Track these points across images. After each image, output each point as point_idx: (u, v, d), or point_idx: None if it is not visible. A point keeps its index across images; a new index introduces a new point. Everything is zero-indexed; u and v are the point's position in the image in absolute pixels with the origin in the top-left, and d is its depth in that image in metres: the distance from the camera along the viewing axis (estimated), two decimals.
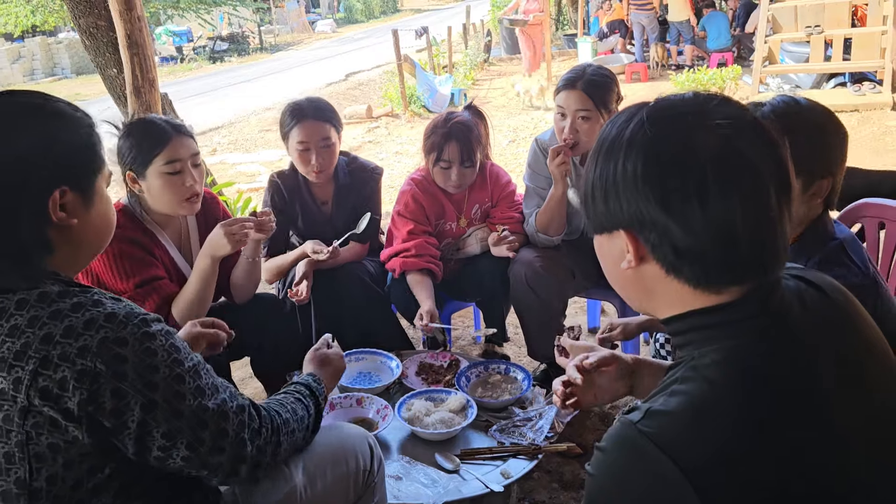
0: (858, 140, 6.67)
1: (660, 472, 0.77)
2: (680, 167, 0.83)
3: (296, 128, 2.51)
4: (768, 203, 0.83)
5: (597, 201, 0.91)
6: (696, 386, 0.83)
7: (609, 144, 0.89)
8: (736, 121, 0.85)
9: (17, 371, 0.99)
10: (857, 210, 2.27)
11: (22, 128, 1.08)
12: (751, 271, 0.86)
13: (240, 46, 23.88)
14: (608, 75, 2.45)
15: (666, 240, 0.85)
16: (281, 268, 2.59)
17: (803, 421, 0.81)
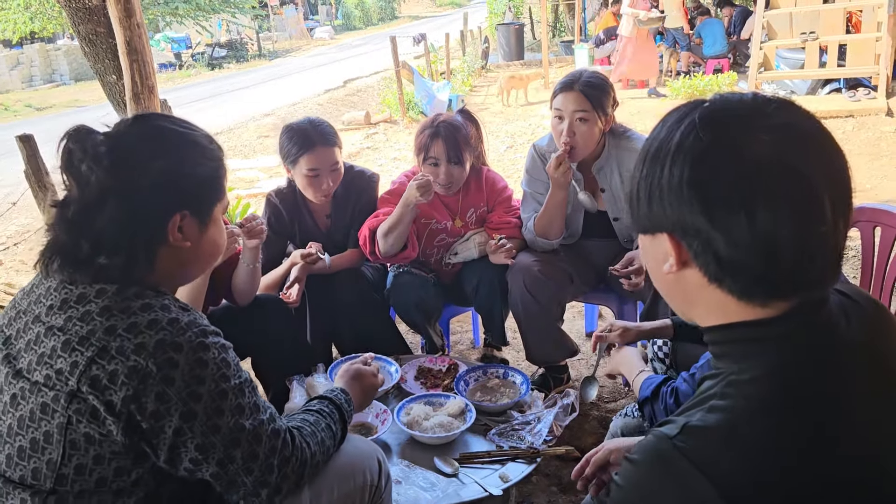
0: (853, 146, 6.70)
1: (694, 489, 0.76)
2: (728, 177, 0.79)
3: (305, 156, 2.49)
4: (821, 218, 0.78)
5: (641, 203, 0.88)
6: (736, 403, 0.80)
7: (658, 146, 0.86)
8: (793, 128, 0.81)
9: (77, 355, 1.03)
10: (853, 214, 2.29)
11: (162, 152, 1.16)
12: (796, 288, 0.82)
13: (238, 53, 23.90)
14: (604, 79, 2.47)
15: (709, 249, 0.81)
16: (273, 283, 2.57)
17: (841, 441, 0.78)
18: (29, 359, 1.07)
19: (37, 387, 1.05)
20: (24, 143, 3.41)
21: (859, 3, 8.27)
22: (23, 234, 5.90)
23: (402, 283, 2.60)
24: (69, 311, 1.07)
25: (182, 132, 1.21)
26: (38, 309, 1.11)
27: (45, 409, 1.04)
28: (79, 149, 1.11)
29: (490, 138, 8.50)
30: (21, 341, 1.10)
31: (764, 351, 0.83)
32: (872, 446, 0.80)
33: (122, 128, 1.17)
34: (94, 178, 1.10)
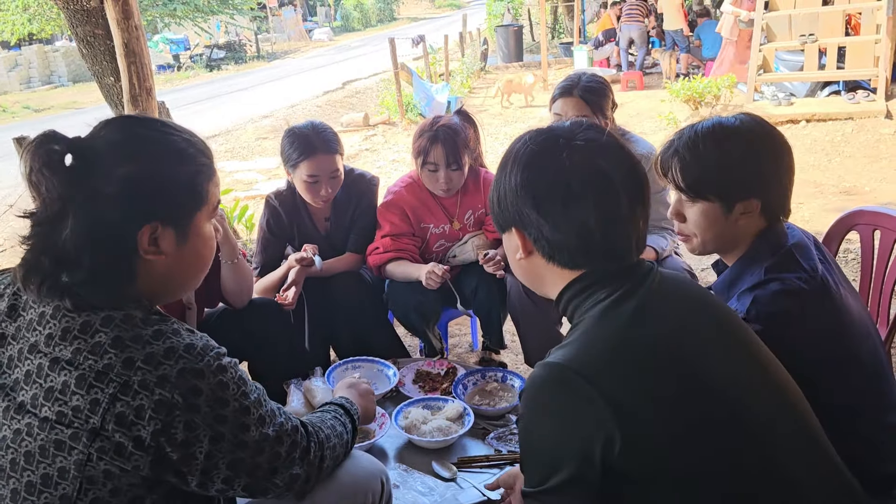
0: (852, 148, 6.71)
1: (566, 379, 0.99)
2: (548, 178, 1.07)
3: (306, 162, 2.47)
4: (619, 206, 1.06)
5: (494, 205, 1.16)
6: (582, 328, 1.06)
7: (504, 159, 1.14)
8: (597, 142, 1.08)
9: (96, 392, 0.99)
10: (852, 217, 2.29)
11: (128, 158, 1.07)
12: (606, 258, 1.08)
13: (237, 54, 23.91)
14: (603, 82, 2.47)
15: (541, 235, 1.09)
16: (271, 285, 2.55)
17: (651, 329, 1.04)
18: (33, 392, 1.02)
19: (48, 423, 1.00)
20: (22, 144, 3.40)
21: (858, 6, 8.27)
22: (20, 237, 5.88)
23: (399, 286, 2.59)
24: (76, 343, 1.01)
25: (154, 136, 1.12)
26: (32, 336, 1.05)
27: (60, 446, 1.00)
28: (41, 160, 1.04)
29: (489, 140, 8.49)
30: (17, 371, 1.04)
31: (593, 291, 1.08)
32: (702, 365, 1.03)
33: (92, 132, 1.10)
34: (52, 188, 1.03)
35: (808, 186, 5.83)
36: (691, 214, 1.46)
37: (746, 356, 1.10)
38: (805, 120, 7.54)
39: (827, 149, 6.79)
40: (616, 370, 0.99)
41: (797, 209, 5.25)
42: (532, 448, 1.05)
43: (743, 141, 1.40)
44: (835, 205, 5.20)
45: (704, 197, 1.42)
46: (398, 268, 2.59)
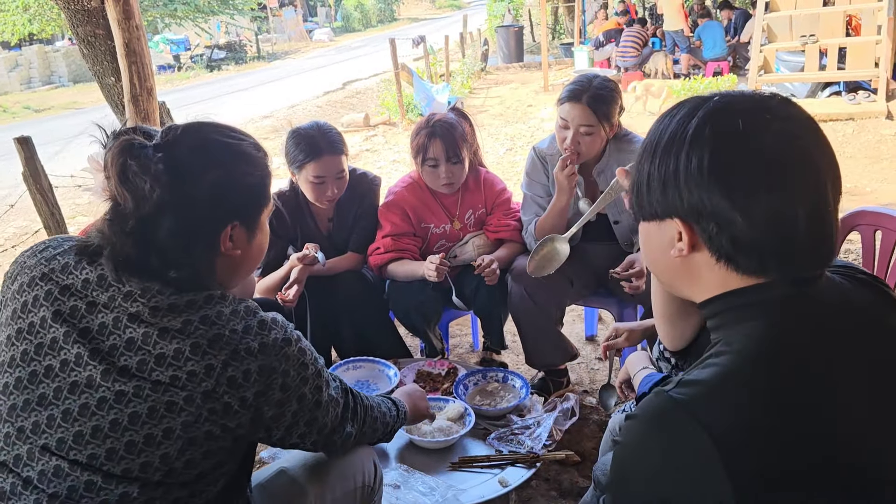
0: (853, 149, 6.71)
1: (688, 437, 0.80)
2: (746, 162, 0.85)
3: (312, 163, 2.47)
4: (826, 198, 0.86)
5: (652, 191, 0.93)
6: (728, 358, 0.85)
7: (670, 138, 0.91)
8: (796, 120, 0.89)
9: (210, 358, 1.10)
10: (853, 218, 2.28)
11: (213, 165, 1.17)
12: (806, 262, 0.88)
13: (237, 55, 23.91)
14: (613, 88, 2.44)
15: (726, 230, 0.87)
16: (273, 285, 2.56)
17: (823, 409, 0.83)
18: (139, 358, 1.09)
19: (161, 386, 1.08)
20: (23, 145, 3.39)
21: (859, 6, 8.27)
22: (20, 237, 5.89)
23: (400, 286, 2.59)
24: (185, 315, 1.11)
25: (230, 143, 1.22)
26: (132, 307, 1.11)
27: (171, 408, 1.09)
28: (137, 164, 1.11)
29: (489, 140, 8.51)
30: (113, 338, 1.10)
31: (759, 312, 0.88)
32: (855, 425, 0.83)
33: (171, 139, 1.16)
34: (154, 195, 1.11)
35: None
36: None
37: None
38: None
39: None
40: (752, 438, 0.79)
41: None
42: (624, 481, 0.89)
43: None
44: None
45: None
46: (400, 267, 2.59)
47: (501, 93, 12.56)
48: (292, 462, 1.45)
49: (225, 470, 1.19)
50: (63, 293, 1.14)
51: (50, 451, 1.09)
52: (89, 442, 1.09)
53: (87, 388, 1.09)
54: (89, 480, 1.08)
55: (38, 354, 1.11)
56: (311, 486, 1.40)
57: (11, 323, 1.14)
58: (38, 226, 4.56)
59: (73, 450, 1.09)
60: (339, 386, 1.33)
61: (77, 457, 1.09)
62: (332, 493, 1.43)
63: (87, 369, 1.09)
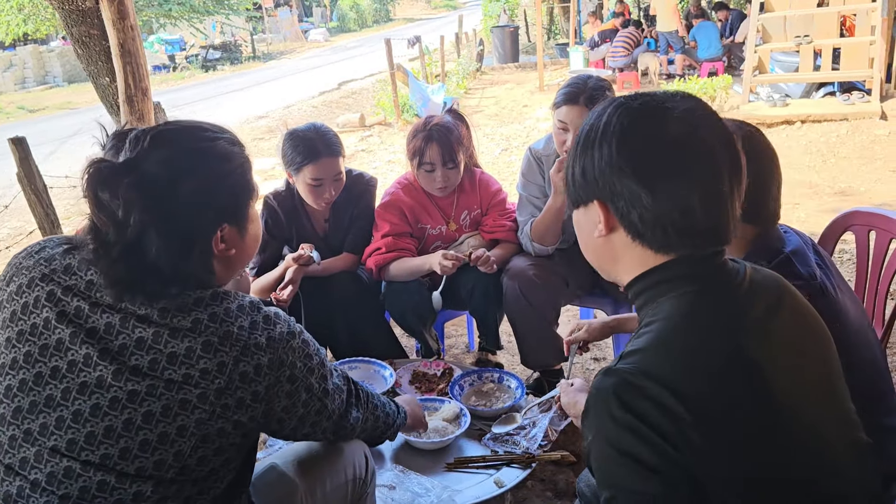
0: (847, 149, 6.73)
1: (643, 391, 0.90)
2: (651, 146, 0.98)
3: (310, 166, 2.46)
4: (721, 180, 0.98)
5: (577, 178, 1.06)
6: (658, 325, 0.97)
7: (589, 131, 1.04)
8: (697, 111, 1.00)
9: (222, 355, 1.11)
10: (847, 218, 2.29)
11: (189, 173, 1.14)
12: (705, 238, 1.00)
13: (232, 55, 23.87)
14: (608, 88, 2.43)
15: (635, 208, 0.99)
16: (267, 286, 2.55)
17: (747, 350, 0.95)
18: (151, 357, 1.09)
19: (174, 384, 1.09)
20: (17, 145, 3.38)
21: (853, 7, 8.30)
22: (15, 238, 5.87)
23: (396, 287, 2.59)
24: (194, 314, 1.12)
25: (202, 147, 1.18)
26: (140, 309, 1.11)
27: (184, 405, 1.10)
28: (108, 194, 1.09)
29: (485, 141, 8.50)
30: (122, 338, 1.10)
31: (672, 287, 1.00)
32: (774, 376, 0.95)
33: (141, 153, 1.12)
34: (132, 219, 1.09)
35: (803, 187, 5.85)
36: None
37: (826, 384, 1.03)
38: (800, 121, 7.56)
39: (822, 150, 6.81)
40: (698, 379, 0.91)
41: (793, 210, 5.26)
42: (608, 473, 0.94)
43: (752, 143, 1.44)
44: (830, 205, 5.21)
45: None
46: (403, 265, 2.58)
47: (497, 93, 12.56)
48: (283, 458, 1.45)
49: (232, 466, 1.21)
50: (66, 294, 1.13)
51: (60, 452, 1.09)
52: (102, 442, 1.09)
53: (98, 388, 1.09)
54: (102, 480, 1.09)
55: (44, 356, 1.11)
56: (301, 481, 1.41)
57: (11, 325, 1.13)
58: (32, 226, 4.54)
59: (84, 450, 1.09)
60: (340, 374, 1.36)
61: (89, 457, 1.09)
62: (322, 488, 1.44)
63: (98, 370, 1.09)
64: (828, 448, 0.98)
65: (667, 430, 0.88)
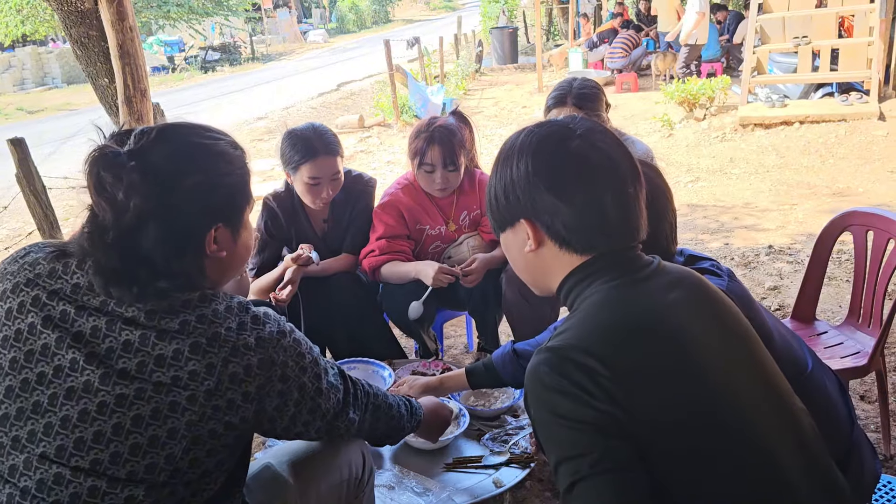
0: (846, 150, 6.74)
1: (567, 357, 0.99)
2: (561, 159, 1.10)
3: (307, 164, 2.46)
4: (626, 185, 1.10)
5: (500, 200, 1.15)
6: (581, 310, 1.08)
7: (505, 154, 1.15)
8: (594, 129, 1.13)
9: (211, 356, 1.10)
10: (845, 218, 2.30)
11: (192, 169, 1.16)
12: (621, 235, 1.10)
13: (231, 56, 23.87)
14: (594, 86, 2.48)
15: (557, 218, 1.09)
16: (267, 286, 2.55)
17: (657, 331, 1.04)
18: (138, 360, 1.08)
19: (163, 387, 1.08)
20: (16, 146, 3.39)
21: (851, 8, 8.31)
22: (14, 238, 5.87)
23: (393, 288, 2.59)
24: (182, 316, 1.11)
25: (207, 144, 1.20)
26: (127, 312, 1.11)
27: (174, 408, 1.09)
28: (111, 175, 1.09)
29: (483, 141, 8.50)
30: (108, 341, 1.09)
31: (595, 279, 1.10)
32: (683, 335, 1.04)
33: (146, 144, 1.14)
34: (131, 205, 1.09)
35: (801, 188, 5.86)
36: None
37: (745, 355, 1.11)
38: (799, 122, 7.57)
39: (820, 150, 6.82)
40: (615, 342, 1.01)
41: (791, 210, 5.27)
42: (551, 440, 1.01)
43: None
44: (828, 206, 5.22)
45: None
46: (393, 269, 2.59)
47: (496, 94, 12.56)
48: (277, 457, 1.44)
49: (226, 468, 1.20)
50: (51, 298, 1.12)
51: (49, 459, 1.08)
52: (92, 447, 1.08)
53: (85, 393, 1.08)
54: (93, 486, 1.07)
55: (29, 361, 1.10)
56: (295, 481, 1.39)
57: None
58: (31, 227, 4.55)
59: (74, 456, 1.08)
60: (337, 373, 1.34)
61: (79, 463, 1.08)
62: (316, 487, 1.42)
63: (85, 374, 1.08)
64: (748, 398, 1.05)
65: (591, 388, 0.97)
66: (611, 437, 0.96)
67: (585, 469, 0.96)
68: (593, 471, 0.95)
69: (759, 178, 6.25)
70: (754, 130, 7.66)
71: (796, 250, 4.32)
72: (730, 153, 7.14)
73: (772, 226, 4.94)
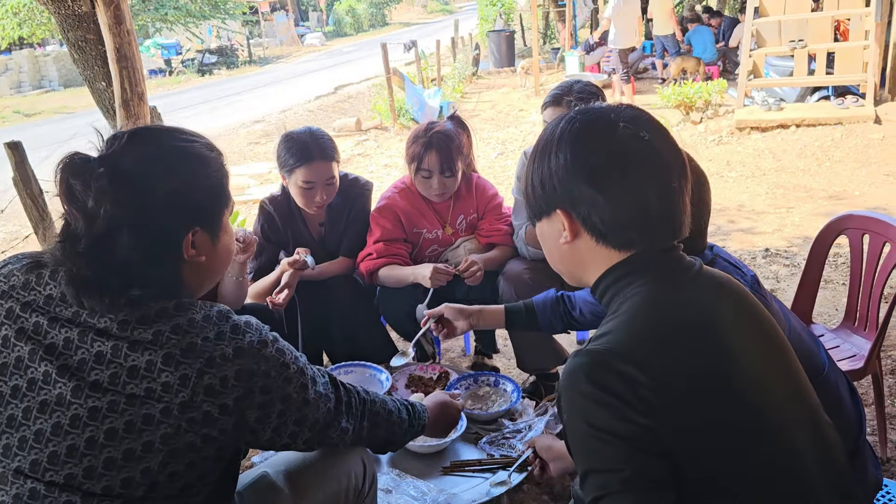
0: (842, 153, 6.76)
1: (608, 365, 0.96)
2: (602, 152, 1.05)
3: (302, 168, 2.46)
4: (671, 178, 1.05)
5: (536, 189, 1.12)
6: (623, 312, 1.04)
7: (544, 143, 1.11)
8: (641, 118, 1.08)
9: (185, 368, 1.07)
10: (841, 221, 2.30)
11: (166, 172, 1.13)
12: (662, 232, 1.07)
13: (228, 59, 23.86)
14: (594, 90, 2.48)
15: (595, 211, 1.05)
16: (264, 290, 2.55)
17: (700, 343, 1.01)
18: (111, 372, 1.06)
19: (136, 399, 1.06)
20: (13, 150, 3.38)
21: (847, 12, 8.34)
22: (10, 242, 5.85)
23: (391, 291, 2.59)
24: (156, 326, 1.08)
25: (181, 146, 1.18)
26: (99, 322, 1.08)
27: (148, 421, 1.06)
28: (80, 183, 1.07)
29: (480, 145, 8.51)
30: (81, 353, 1.07)
31: (635, 277, 1.05)
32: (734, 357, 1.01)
33: (118, 149, 1.12)
34: (101, 212, 1.07)
35: (797, 191, 5.87)
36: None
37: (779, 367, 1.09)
38: (795, 125, 7.59)
39: (817, 153, 6.84)
40: (658, 349, 0.98)
41: (787, 213, 5.28)
42: (583, 449, 0.99)
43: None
44: (824, 209, 5.23)
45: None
46: (391, 272, 2.59)
47: (493, 97, 12.58)
48: (274, 466, 1.42)
49: (209, 480, 1.16)
50: (24, 310, 1.10)
51: (23, 473, 1.06)
52: (66, 462, 1.05)
53: (58, 406, 1.06)
54: (68, 501, 1.05)
55: (3, 374, 1.08)
56: (291, 490, 1.37)
57: None
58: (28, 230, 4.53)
59: (48, 471, 1.06)
60: (327, 381, 1.30)
61: (53, 478, 1.06)
62: (313, 498, 1.39)
63: (57, 387, 1.06)
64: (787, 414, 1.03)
65: (630, 399, 0.93)
66: (645, 454, 0.94)
67: (615, 485, 0.94)
68: (623, 488, 0.93)
69: (756, 182, 6.26)
70: (751, 133, 7.68)
71: (793, 253, 4.33)
72: (726, 156, 7.16)
73: (768, 229, 4.95)
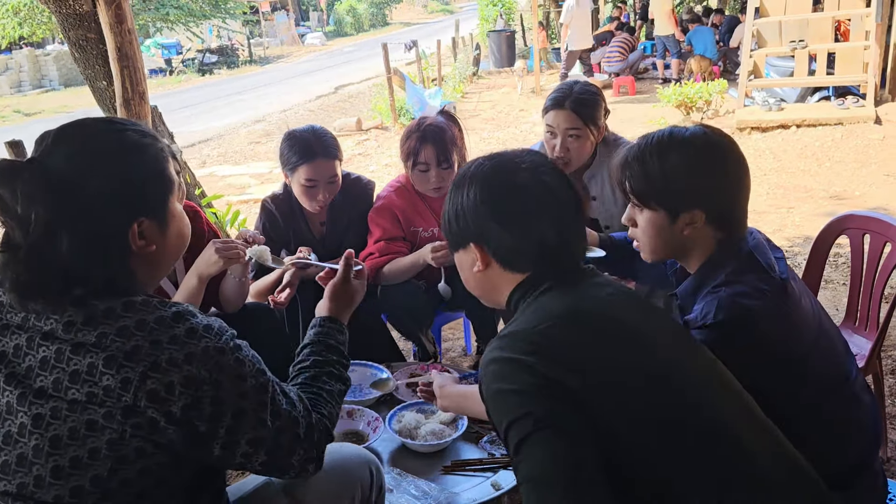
0: (842, 153, 6.76)
1: (513, 342, 1.09)
2: (506, 193, 1.20)
3: (304, 166, 2.46)
4: (566, 219, 1.21)
5: (452, 224, 1.26)
6: (528, 308, 1.18)
7: (458, 180, 1.26)
8: (539, 163, 1.24)
9: (127, 371, 1.02)
10: (842, 222, 2.31)
11: (96, 168, 1.10)
12: (560, 260, 1.21)
13: (229, 59, 23.88)
14: (595, 92, 2.47)
15: (501, 243, 1.20)
16: (265, 289, 2.55)
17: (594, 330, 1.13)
18: (54, 377, 1.03)
19: (78, 405, 1.02)
20: (13, 149, 3.38)
21: (847, 12, 8.35)
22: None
23: (392, 290, 2.59)
24: (101, 328, 1.04)
25: (111, 138, 1.14)
26: (45, 325, 1.06)
27: (92, 426, 1.03)
28: (7, 191, 1.04)
29: (481, 144, 8.51)
30: (28, 359, 1.05)
31: (536, 291, 1.19)
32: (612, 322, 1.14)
33: (44, 150, 1.09)
34: (35, 217, 1.04)
35: (798, 191, 5.87)
36: (641, 221, 1.48)
37: (684, 343, 1.19)
38: (795, 125, 7.59)
39: (817, 154, 6.84)
40: (562, 321, 1.11)
41: (788, 213, 5.28)
42: (500, 409, 1.07)
43: (688, 153, 1.42)
44: (825, 209, 5.23)
45: (650, 206, 1.44)
46: (396, 265, 2.57)
47: (493, 97, 12.58)
48: None
49: (170, 487, 1.11)
50: None
51: None
52: (17, 471, 1.04)
53: (8, 415, 1.05)
54: None
55: None
56: (292, 501, 1.34)
57: None
58: None
59: (1, 480, 1.04)
60: (296, 404, 1.21)
61: (7, 488, 1.04)
62: None
63: (5, 395, 1.05)
64: (698, 372, 1.14)
65: (531, 360, 1.05)
66: (556, 401, 1.02)
67: (530, 426, 1.00)
68: (537, 426, 1.00)
69: (756, 182, 6.25)
70: (751, 134, 7.68)
71: (793, 253, 4.34)
72: None
73: (769, 229, 4.96)
